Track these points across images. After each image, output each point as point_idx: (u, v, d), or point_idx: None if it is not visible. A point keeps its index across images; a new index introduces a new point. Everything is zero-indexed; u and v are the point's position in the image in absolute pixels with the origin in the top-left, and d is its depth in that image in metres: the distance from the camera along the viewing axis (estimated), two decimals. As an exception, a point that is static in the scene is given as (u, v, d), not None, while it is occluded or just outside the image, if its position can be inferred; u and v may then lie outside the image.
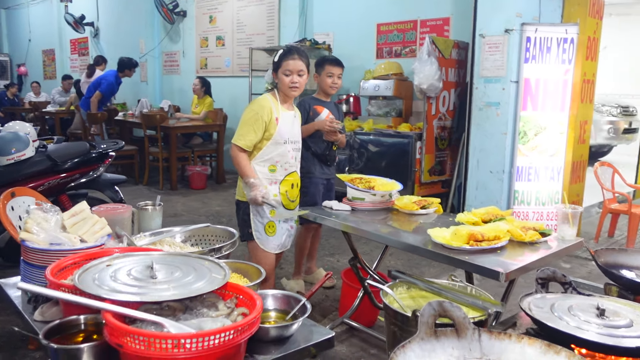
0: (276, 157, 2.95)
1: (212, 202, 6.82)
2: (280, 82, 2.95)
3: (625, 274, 1.89)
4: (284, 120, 2.95)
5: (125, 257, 1.67)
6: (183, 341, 1.26)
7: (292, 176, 3.04)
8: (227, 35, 9.16)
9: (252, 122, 2.86)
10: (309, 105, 3.83)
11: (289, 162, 3.00)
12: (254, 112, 2.88)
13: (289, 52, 2.95)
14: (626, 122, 10.38)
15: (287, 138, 2.96)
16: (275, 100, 2.97)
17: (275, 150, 2.93)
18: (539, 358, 1.34)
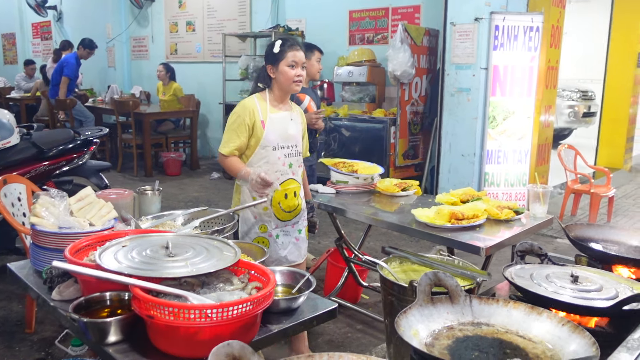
0: (264, 165, 2.58)
1: (189, 188, 6.87)
2: (281, 76, 2.56)
3: (594, 246, 2.08)
4: (273, 123, 2.58)
5: (139, 238, 1.77)
6: (208, 311, 1.37)
7: (285, 184, 2.64)
8: (198, 21, 9.12)
9: (235, 127, 2.58)
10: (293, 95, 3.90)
11: (280, 170, 2.61)
12: (235, 115, 2.61)
13: (293, 41, 2.60)
14: (585, 106, 10.81)
15: (276, 143, 2.59)
16: (264, 101, 2.61)
17: (264, 157, 2.59)
18: (523, 318, 1.50)
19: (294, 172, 2.69)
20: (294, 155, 2.68)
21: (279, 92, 2.64)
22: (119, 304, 1.58)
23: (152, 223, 2.19)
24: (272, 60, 2.58)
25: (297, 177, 2.72)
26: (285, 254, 2.73)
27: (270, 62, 2.59)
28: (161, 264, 1.59)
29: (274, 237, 2.69)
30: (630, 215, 6.15)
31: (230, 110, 7.56)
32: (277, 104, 2.65)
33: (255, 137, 2.58)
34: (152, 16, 9.92)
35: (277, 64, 2.57)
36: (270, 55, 2.59)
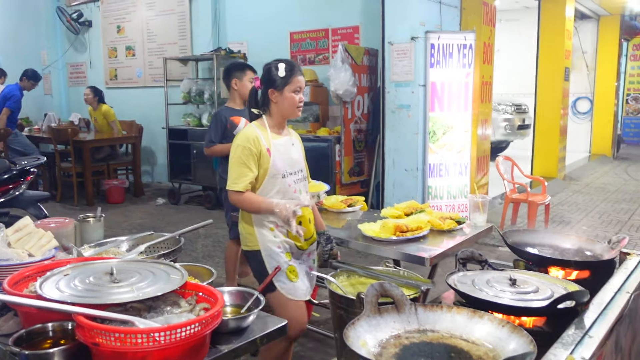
0: (276, 195, 2.43)
1: (134, 215, 6.72)
2: (285, 101, 2.42)
3: (530, 250, 2.19)
4: (277, 150, 2.44)
5: (81, 266, 1.73)
6: (155, 335, 1.36)
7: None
8: (137, 45, 9.01)
9: (244, 159, 2.39)
10: (225, 118, 3.81)
11: (293, 197, 2.48)
12: (240, 147, 2.41)
13: (297, 66, 2.47)
14: (520, 119, 11.29)
15: (284, 170, 2.45)
16: (264, 128, 2.46)
17: (274, 186, 2.43)
18: (466, 322, 1.56)
19: (304, 198, 2.55)
20: (302, 181, 2.55)
21: (279, 118, 2.49)
22: (62, 335, 1.53)
23: (95, 251, 2.15)
24: (276, 85, 2.41)
25: (308, 204, 2.57)
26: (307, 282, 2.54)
27: (273, 87, 2.42)
28: (105, 290, 1.57)
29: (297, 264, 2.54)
30: (566, 221, 6.45)
31: (174, 134, 7.49)
32: (277, 129, 2.50)
33: (262, 167, 2.42)
34: (90, 42, 9.74)
35: (281, 89, 2.41)
36: (274, 79, 2.42)
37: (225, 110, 3.86)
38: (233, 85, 3.85)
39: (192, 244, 5.26)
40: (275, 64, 2.45)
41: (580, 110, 12.86)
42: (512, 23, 11.91)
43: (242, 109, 3.91)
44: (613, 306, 1.72)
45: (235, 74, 3.84)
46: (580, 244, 2.22)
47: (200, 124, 7.29)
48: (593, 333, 1.53)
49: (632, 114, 15.64)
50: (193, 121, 7.39)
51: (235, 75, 3.83)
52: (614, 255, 2.07)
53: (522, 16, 11.61)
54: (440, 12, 5.39)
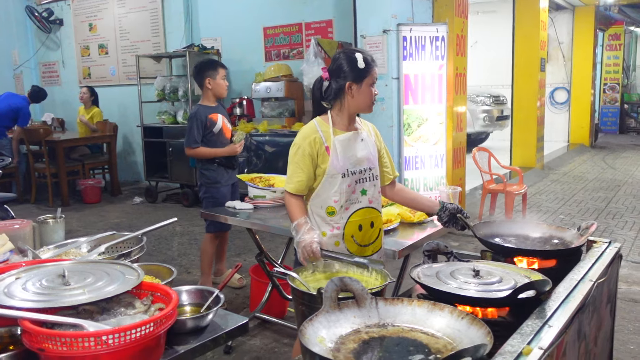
0: (333, 196, 2.28)
1: (110, 215, 6.63)
2: (361, 95, 2.25)
3: (497, 240, 2.18)
4: (341, 147, 2.26)
5: (33, 268, 1.68)
6: (104, 338, 1.32)
7: (359, 215, 2.34)
8: (110, 43, 8.88)
9: (298, 160, 2.28)
10: (204, 116, 3.83)
11: (351, 198, 2.31)
12: (296, 146, 2.30)
13: (372, 57, 2.29)
14: (498, 110, 11.36)
15: (345, 169, 2.27)
16: (326, 123, 2.29)
17: (332, 187, 2.28)
18: (427, 315, 1.54)
19: (370, 200, 2.35)
20: (369, 180, 2.34)
21: (350, 112, 2.31)
22: (9, 340, 1.49)
23: (53, 253, 2.09)
24: (355, 78, 2.23)
25: (376, 205, 2.38)
26: None
27: (351, 79, 2.23)
28: (57, 293, 1.52)
29: None
30: (544, 210, 6.50)
31: (149, 132, 7.40)
32: (345, 125, 2.32)
33: (321, 166, 2.28)
34: (62, 40, 9.57)
35: (360, 82, 2.23)
36: (351, 71, 2.23)
37: (202, 108, 3.87)
38: (207, 84, 3.84)
39: (167, 242, 5.20)
40: (351, 54, 2.25)
41: (558, 101, 12.98)
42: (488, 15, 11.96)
43: (217, 105, 3.93)
44: (575, 295, 1.71)
45: (208, 73, 3.84)
46: (551, 232, 2.22)
47: (175, 121, 7.21)
48: (553, 322, 1.52)
49: (609, 103, 15.85)
50: (168, 119, 7.31)
51: (208, 75, 3.83)
52: (581, 242, 2.07)
53: (499, 8, 11.65)
54: (412, 4, 5.37)
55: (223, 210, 3.30)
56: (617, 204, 6.86)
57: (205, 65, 3.91)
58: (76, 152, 7.78)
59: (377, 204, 2.40)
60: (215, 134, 3.87)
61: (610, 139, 14.16)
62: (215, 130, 3.87)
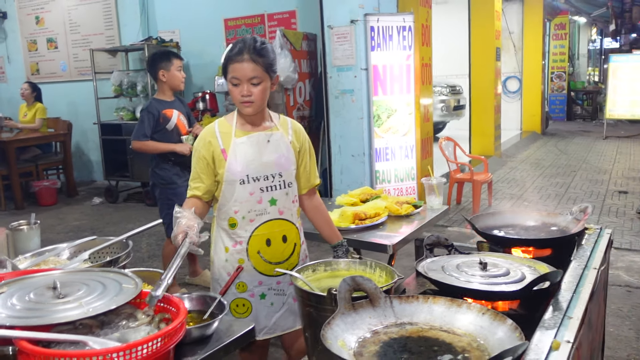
0: (233, 206, 2.04)
1: (69, 217, 6.34)
2: (231, 94, 2.00)
3: (496, 232, 2.16)
4: (240, 150, 2.02)
5: (18, 281, 1.54)
6: (112, 356, 1.21)
7: (266, 227, 2.07)
8: (60, 37, 8.49)
9: (195, 163, 2.07)
10: (157, 111, 3.66)
11: (257, 209, 2.05)
12: (194, 148, 2.10)
13: (235, 49, 1.95)
14: (455, 100, 11.53)
15: (245, 175, 2.02)
16: (228, 124, 2.07)
17: (230, 195, 2.04)
18: (445, 312, 1.50)
19: (280, 211, 2.08)
20: (280, 188, 2.07)
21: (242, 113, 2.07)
22: (2, 363, 1.35)
23: (32, 262, 1.94)
24: (223, 73, 2.02)
25: (289, 217, 2.11)
26: (276, 319, 2.14)
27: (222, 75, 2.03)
28: (49, 308, 1.39)
29: (258, 298, 2.10)
30: (508, 198, 6.62)
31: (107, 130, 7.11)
32: (249, 124, 2.07)
33: (219, 171, 2.04)
34: (6, 35, 9.08)
35: (226, 78, 2.00)
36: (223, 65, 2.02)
37: (156, 102, 3.69)
38: (160, 77, 3.67)
39: (136, 244, 4.97)
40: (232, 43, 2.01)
41: (510, 90, 13.29)
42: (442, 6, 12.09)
43: (173, 100, 3.75)
44: (585, 284, 1.70)
45: (161, 65, 3.65)
46: (544, 220, 2.22)
47: (134, 117, 6.96)
48: (572, 313, 1.50)
49: (556, 91, 16.34)
50: (126, 115, 7.05)
51: (161, 66, 3.65)
52: (580, 228, 2.07)
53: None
54: (377, -6, 5.34)
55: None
56: (576, 189, 7.07)
57: (158, 56, 3.73)
58: (27, 152, 7.40)
59: (291, 215, 2.12)
60: (169, 131, 3.70)
61: (560, 126, 14.62)
62: (169, 127, 3.70)
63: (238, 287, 2.09)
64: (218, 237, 2.12)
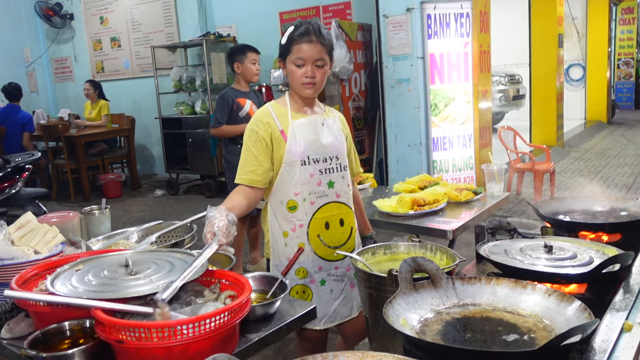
0: (294, 188, 2.00)
1: (133, 209, 6.60)
2: (290, 76, 1.99)
3: (562, 218, 2.10)
4: (299, 131, 2.00)
5: (93, 259, 1.63)
6: (183, 327, 1.26)
7: (326, 210, 2.05)
8: (123, 36, 8.81)
9: (251, 146, 2.00)
10: (231, 99, 3.87)
11: (317, 191, 2.02)
12: (248, 130, 2.02)
13: (304, 30, 1.93)
14: (514, 89, 11.20)
15: (306, 156, 1.99)
16: (282, 107, 2.04)
17: (291, 177, 2.00)
18: (508, 294, 1.47)
19: (338, 194, 2.06)
20: (336, 170, 2.05)
21: (297, 94, 2.04)
22: (80, 333, 1.43)
23: (103, 244, 2.04)
24: (281, 55, 2.00)
25: (345, 200, 2.09)
26: (336, 306, 2.11)
27: (279, 56, 2.02)
28: (122, 283, 1.46)
29: (318, 284, 2.07)
30: (571, 189, 6.39)
31: (168, 124, 7.34)
32: (302, 107, 2.06)
33: (277, 153, 2.00)
34: (73, 35, 9.51)
35: (284, 60, 1.99)
36: (280, 47, 2.00)
37: (231, 91, 3.91)
38: (236, 69, 3.91)
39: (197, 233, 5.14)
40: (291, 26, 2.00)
41: (573, 78, 12.79)
42: (501, -7, 11.75)
43: (248, 90, 3.94)
44: (657, 267, 1.63)
45: (236, 57, 3.91)
46: (612, 204, 2.14)
47: (193, 111, 7.14)
48: (644, 297, 1.44)
49: (624, 78, 15.59)
50: (186, 109, 7.25)
51: (236, 59, 3.91)
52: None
53: (511, -15, 11.45)
54: (434, -20, 5.25)
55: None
56: (645, 179, 6.75)
57: (235, 50, 4.00)
58: (94, 147, 7.74)
59: (347, 199, 2.10)
60: (241, 118, 3.90)
61: (627, 115, 13.95)
62: (241, 115, 3.89)
63: (298, 273, 2.07)
64: (274, 223, 2.08)
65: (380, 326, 1.70)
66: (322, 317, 2.08)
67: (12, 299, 1.54)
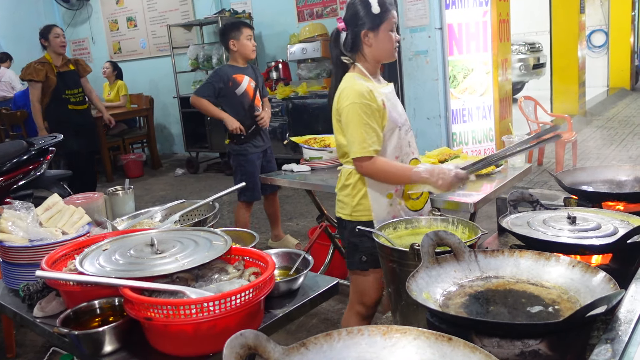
0: (394, 152, 2.12)
1: (155, 187, 6.68)
2: (381, 43, 2.04)
3: (585, 188, 2.07)
4: (389, 99, 2.10)
5: (120, 239, 1.66)
6: (210, 304, 1.28)
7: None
8: (139, 15, 8.80)
9: (366, 118, 2.00)
10: (227, 75, 3.77)
11: (406, 152, 2.17)
12: (357, 104, 2.00)
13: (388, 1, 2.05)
14: (534, 58, 10.97)
15: (400, 122, 2.13)
16: (367, 77, 2.08)
17: (391, 142, 2.10)
18: (532, 266, 1.47)
19: (413, 151, 2.23)
20: (410, 130, 2.24)
21: (374, 64, 2.12)
22: (110, 312, 1.47)
23: (128, 223, 2.08)
24: (371, 25, 2.01)
25: (417, 155, 2.27)
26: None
27: (367, 27, 2.02)
28: (149, 262, 1.49)
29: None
30: (594, 158, 6.29)
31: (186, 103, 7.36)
32: (376, 76, 2.15)
33: (382, 122, 2.07)
34: (90, 17, 9.53)
35: (377, 29, 2.02)
36: (367, 16, 2.01)
37: (228, 68, 3.83)
38: (231, 46, 3.79)
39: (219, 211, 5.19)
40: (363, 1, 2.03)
41: (596, 44, 12.47)
42: (520, -42, 11.44)
43: (245, 67, 3.85)
44: (685, 237, 1.60)
45: (231, 34, 3.78)
46: (637, 174, 2.10)
47: (211, 90, 7.14)
48: (671, 267, 1.43)
49: (647, 43, 15.14)
50: (203, 88, 7.24)
51: (231, 36, 3.78)
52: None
53: (530, -50, 11.14)
54: (451, -51, 5.12)
55: (278, 173, 3.25)
56: (671, 146, 6.61)
57: (228, 27, 3.86)
58: (115, 128, 7.80)
59: (417, 154, 2.28)
60: (237, 95, 3.81)
61: (652, 81, 13.59)
62: (238, 92, 3.80)
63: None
64: (376, 186, 2.11)
65: (403, 300, 1.71)
66: None
67: (43, 279, 1.58)
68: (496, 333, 1.17)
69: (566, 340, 1.15)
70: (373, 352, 1.08)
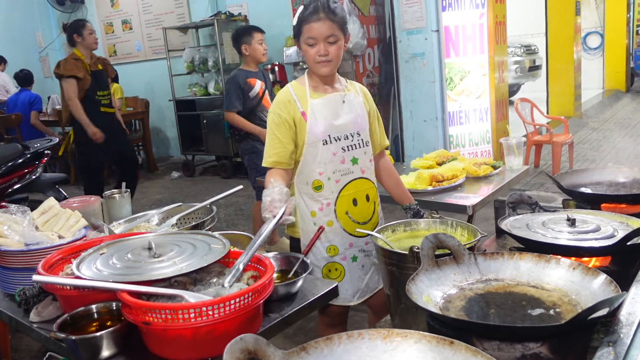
0: (317, 167, 2.02)
1: (151, 191, 6.66)
2: (305, 55, 2.00)
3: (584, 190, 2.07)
4: (319, 111, 2.00)
5: (117, 243, 1.64)
6: (207, 309, 1.27)
7: (352, 187, 2.06)
8: (134, 18, 8.79)
9: (274, 129, 2.01)
10: (242, 80, 3.87)
11: (341, 169, 2.03)
12: (271, 114, 2.04)
13: (312, 9, 1.94)
14: (530, 60, 11.01)
15: (327, 135, 2.00)
16: (302, 87, 2.05)
17: (314, 157, 2.01)
18: (532, 268, 1.46)
19: (362, 169, 2.08)
20: (359, 147, 2.06)
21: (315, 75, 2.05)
22: (107, 316, 1.46)
23: (125, 227, 2.06)
24: (294, 35, 2.02)
25: (369, 175, 2.11)
26: (367, 280, 2.15)
27: (294, 37, 2.03)
28: (146, 266, 1.48)
29: (350, 260, 2.10)
30: (590, 160, 6.31)
31: (182, 106, 7.35)
32: (322, 86, 2.05)
33: (300, 134, 2.01)
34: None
35: (298, 40, 2.00)
36: (294, 27, 2.01)
37: (241, 73, 3.91)
38: (243, 51, 3.90)
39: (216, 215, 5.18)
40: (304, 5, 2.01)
41: (591, 46, 12.52)
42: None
43: (257, 70, 3.94)
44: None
45: (243, 39, 3.89)
46: (635, 175, 2.10)
47: (207, 92, 7.14)
48: (671, 268, 1.42)
49: (642, 45, 15.21)
50: (199, 91, 7.24)
51: (243, 41, 3.89)
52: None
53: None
54: (447, -49, 5.13)
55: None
56: (667, 148, 6.63)
57: (240, 31, 3.98)
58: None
59: (371, 174, 2.12)
60: (250, 99, 3.91)
61: (647, 83, 13.66)
62: (251, 95, 3.91)
63: (329, 251, 2.08)
64: (301, 203, 2.08)
65: (402, 303, 1.70)
66: (355, 292, 2.13)
67: (40, 284, 1.56)
68: (497, 336, 1.17)
69: (567, 343, 1.14)
70: (374, 356, 1.07)
